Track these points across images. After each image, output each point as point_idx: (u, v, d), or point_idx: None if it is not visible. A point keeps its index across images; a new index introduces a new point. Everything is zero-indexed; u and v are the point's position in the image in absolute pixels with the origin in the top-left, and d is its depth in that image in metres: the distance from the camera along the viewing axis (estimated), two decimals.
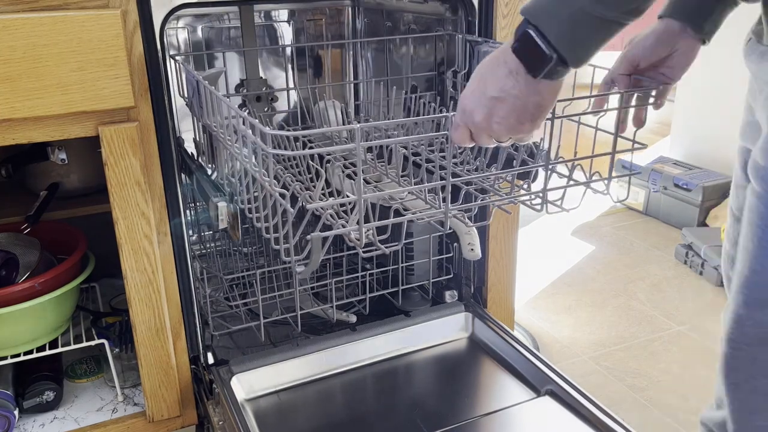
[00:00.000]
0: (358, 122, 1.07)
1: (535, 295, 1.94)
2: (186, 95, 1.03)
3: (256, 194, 0.80)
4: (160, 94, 0.97)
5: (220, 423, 1.04)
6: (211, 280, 1.42)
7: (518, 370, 1.14)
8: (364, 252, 0.72)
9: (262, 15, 1.47)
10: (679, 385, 1.52)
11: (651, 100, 0.80)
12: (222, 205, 0.96)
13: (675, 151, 2.66)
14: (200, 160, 1.11)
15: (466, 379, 1.14)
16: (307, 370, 1.15)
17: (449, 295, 1.33)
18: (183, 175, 1.08)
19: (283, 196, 0.69)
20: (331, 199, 0.81)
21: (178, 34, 1.39)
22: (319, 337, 1.20)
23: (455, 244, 1.33)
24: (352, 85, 1.55)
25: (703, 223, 2.31)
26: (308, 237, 0.71)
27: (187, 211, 1.10)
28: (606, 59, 0.97)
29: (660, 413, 1.43)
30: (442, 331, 1.25)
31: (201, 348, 1.14)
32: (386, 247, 0.74)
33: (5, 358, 1.10)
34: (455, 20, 1.18)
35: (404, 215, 0.78)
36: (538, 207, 0.82)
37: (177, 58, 1.05)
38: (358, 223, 0.68)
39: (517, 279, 1.34)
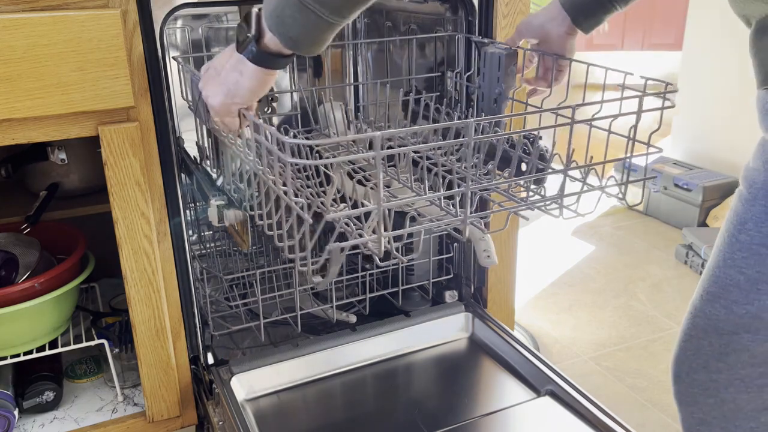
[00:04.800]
0: (365, 125, 1.06)
1: (535, 295, 1.94)
2: (190, 99, 1.00)
3: (259, 195, 0.79)
4: (160, 94, 0.97)
5: (220, 423, 1.04)
6: (211, 280, 1.41)
7: (518, 370, 1.14)
8: (381, 261, 0.71)
9: None
10: None
11: (668, 103, 0.80)
12: (218, 204, 0.95)
13: (675, 151, 2.66)
14: (203, 164, 1.09)
15: (466, 379, 1.14)
16: (307, 370, 1.15)
17: (449, 295, 1.33)
18: (183, 175, 1.08)
19: (300, 206, 0.68)
20: (343, 206, 0.79)
21: (178, 34, 1.39)
22: (319, 337, 1.20)
23: (455, 244, 1.33)
24: (352, 85, 1.55)
25: (703, 223, 2.31)
26: (327, 248, 0.69)
27: (187, 211, 1.10)
28: (608, 60, 0.97)
29: (660, 413, 1.43)
30: (442, 331, 1.25)
31: (201, 348, 1.14)
32: (404, 257, 0.73)
33: (5, 358, 1.10)
34: (455, 20, 1.18)
35: (419, 222, 0.76)
36: (555, 213, 0.80)
37: (179, 59, 1.03)
38: (374, 231, 0.66)
39: (517, 279, 1.34)
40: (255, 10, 0.71)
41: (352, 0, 0.65)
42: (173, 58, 1.04)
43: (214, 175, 1.05)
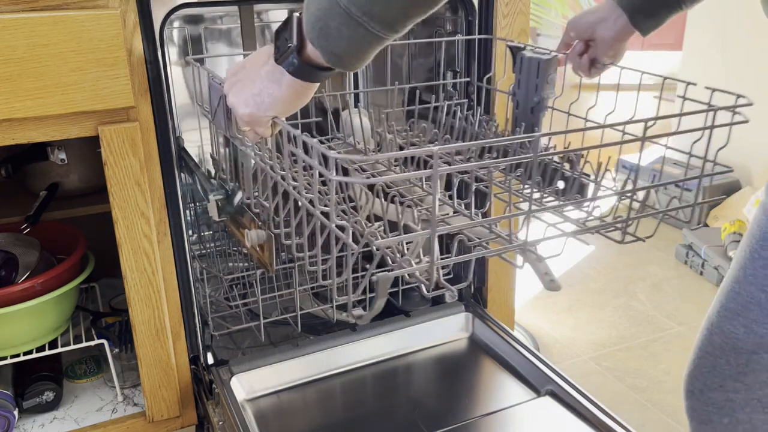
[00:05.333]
0: (389, 135, 1.00)
1: (535, 295, 1.94)
2: (205, 104, 0.93)
3: (286, 212, 0.73)
4: (160, 94, 0.97)
5: (220, 423, 1.04)
6: (211, 280, 1.41)
7: (518, 370, 1.14)
8: (429, 293, 0.62)
9: (260, 15, 1.47)
10: (680, 385, 1.51)
11: (740, 117, 0.72)
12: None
13: (675, 152, 2.66)
14: (219, 177, 1.01)
15: (466, 379, 1.14)
16: (307, 370, 1.15)
17: (449, 295, 1.33)
18: (183, 175, 1.08)
19: (342, 228, 0.60)
20: (378, 224, 0.71)
21: (178, 34, 1.39)
22: (319, 337, 1.20)
23: (455, 244, 1.33)
24: (353, 87, 1.55)
25: (703, 223, 2.31)
26: (374, 278, 0.61)
27: (187, 211, 1.10)
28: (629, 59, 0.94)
29: (660, 413, 1.43)
30: (442, 331, 1.25)
31: (201, 348, 1.14)
32: (455, 287, 0.66)
33: (5, 358, 1.10)
34: (455, 20, 1.18)
35: (471, 245, 0.69)
36: (617, 237, 0.73)
37: (192, 60, 0.97)
38: (418, 257, 0.60)
39: (517, 279, 1.34)
40: (295, 15, 0.63)
41: (407, 13, 0.57)
42: (186, 59, 1.00)
43: (238, 195, 0.95)
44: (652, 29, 0.83)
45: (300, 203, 0.68)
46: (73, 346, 1.13)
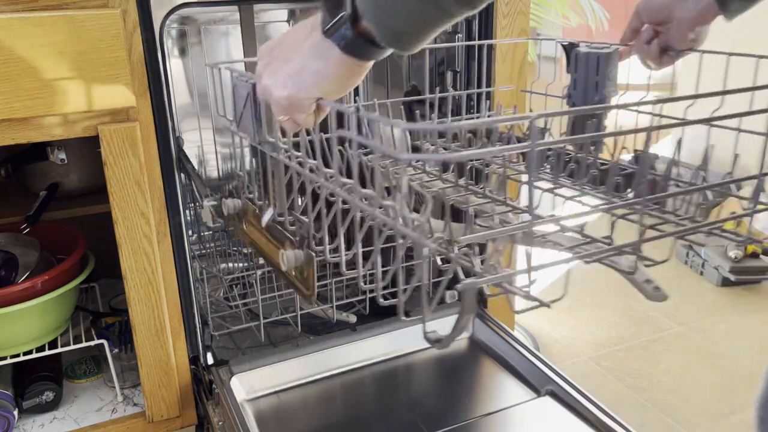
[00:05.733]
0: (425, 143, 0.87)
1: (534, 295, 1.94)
2: (228, 113, 0.81)
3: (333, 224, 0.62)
4: (160, 94, 0.97)
5: (220, 423, 1.04)
6: (211, 280, 1.41)
7: (518, 370, 1.14)
8: (516, 308, 0.53)
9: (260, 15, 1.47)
10: (680, 385, 1.52)
11: None
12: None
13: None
14: (245, 196, 0.88)
15: (467, 379, 1.14)
16: (307, 370, 1.15)
17: (449, 295, 1.32)
18: (182, 175, 1.08)
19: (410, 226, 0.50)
20: (437, 235, 0.59)
21: (179, 34, 1.39)
22: (319, 337, 1.20)
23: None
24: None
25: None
26: (459, 287, 0.52)
27: (187, 211, 1.10)
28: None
29: (660, 413, 1.42)
30: (442, 332, 1.25)
31: (201, 348, 1.14)
32: (550, 302, 0.56)
33: (5, 358, 1.10)
34: None
35: (557, 251, 0.61)
36: (735, 237, 0.64)
37: (213, 65, 0.84)
38: (487, 261, 0.51)
39: (517, 279, 1.34)
40: None
41: None
42: (207, 65, 0.93)
43: (266, 214, 0.80)
44: (741, 11, 0.71)
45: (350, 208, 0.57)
46: (73, 346, 1.13)
